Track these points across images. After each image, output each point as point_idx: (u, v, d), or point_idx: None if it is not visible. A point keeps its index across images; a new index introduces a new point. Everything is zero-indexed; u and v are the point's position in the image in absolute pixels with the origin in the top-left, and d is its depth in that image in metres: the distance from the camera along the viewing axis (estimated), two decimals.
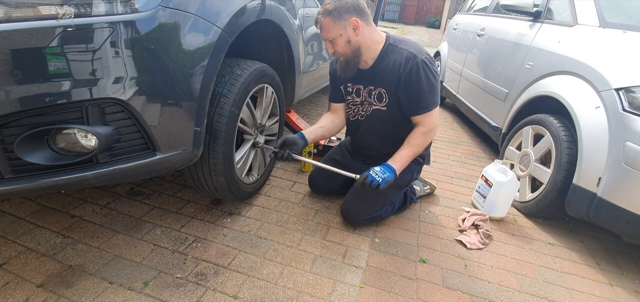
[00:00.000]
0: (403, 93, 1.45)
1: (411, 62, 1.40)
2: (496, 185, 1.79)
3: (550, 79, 1.98)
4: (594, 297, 1.40)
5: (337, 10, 1.37)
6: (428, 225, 1.73)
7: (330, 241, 1.51)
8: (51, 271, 1.19)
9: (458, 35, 3.71)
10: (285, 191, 1.87)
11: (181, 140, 1.16)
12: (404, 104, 1.48)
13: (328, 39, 1.43)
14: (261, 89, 1.57)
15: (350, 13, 1.38)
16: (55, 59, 0.86)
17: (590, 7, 1.99)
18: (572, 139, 1.70)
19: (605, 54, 1.71)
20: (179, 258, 1.32)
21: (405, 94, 1.45)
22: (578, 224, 1.90)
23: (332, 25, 1.39)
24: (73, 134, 0.95)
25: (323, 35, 1.44)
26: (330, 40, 1.43)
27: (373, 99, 1.55)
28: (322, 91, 3.54)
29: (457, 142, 3.02)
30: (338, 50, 1.44)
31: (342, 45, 1.43)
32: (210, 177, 1.40)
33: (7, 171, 0.90)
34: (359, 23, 1.39)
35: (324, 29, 1.42)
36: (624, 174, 1.45)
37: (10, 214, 1.44)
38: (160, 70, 1.02)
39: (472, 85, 3.05)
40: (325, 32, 1.42)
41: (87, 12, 0.88)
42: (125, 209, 1.56)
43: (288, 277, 1.29)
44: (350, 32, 1.40)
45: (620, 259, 1.67)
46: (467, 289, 1.34)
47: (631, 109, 1.46)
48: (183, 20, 1.06)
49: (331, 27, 1.40)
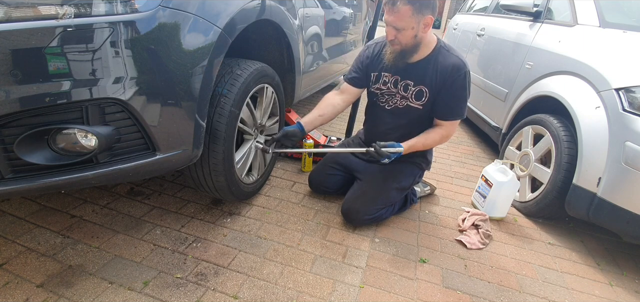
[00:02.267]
0: (444, 96, 1.47)
1: (461, 71, 1.43)
2: (496, 185, 1.79)
3: (550, 79, 1.98)
4: (594, 297, 1.40)
5: (420, 3, 1.29)
6: (428, 225, 1.73)
7: (330, 241, 1.51)
8: (51, 271, 1.19)
9: (458, 35, 3.71)
10: (285, 191, 1.87)
11: (181, 140, 1.16)
12: (440, 107, 1.50)
13: (397, 27, 1.35)
14: (261, 89, 1.57)
15: (429, 9, 1.32)
16: (55, 59, 0.85)
17: (590, 7, 1.99)
18: (572, 139, 1.70)
19: (605, 54, 1.71)
20: (179, 258, 1.32)
21: (446, 98, 1.47)
22: (578, 224, 1.90)
23: (409, 15, 1.31)
24: (73, 134, 0.95)
25: (393, 20, 1.34)
26: (398, 29, 1.35)
27: (409, 95, 1.52)
28: (322, 91, 3.53)
29: (457, 142, 3.02)
30: (401, 40, 1.38)
31: (408, 38, 1.37)
32: (210, 177, 1.40)
33: (7, 171, 0.90)
34: (431, 20, 1.35)
35: (399, 15, 1.31)
36: (624, 174, 1.45)
37: (10, 214, 1.44)
38: (160, 70, 1.02)
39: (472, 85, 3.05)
40: (397, 19, 1.33)
41: (87, 12, 0.88)
42: (125, 209, 1.56)
43: (288, 277, 1.29)
44: (421, 27, 1.35)
45: (620, 259, 1.67)
46: (467, 289, 1.34)
47: (631, 109, 1.46)
48: (183, 20, 1.06)
49: (407, 17, 1.31)
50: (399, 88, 1.54)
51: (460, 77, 1.43)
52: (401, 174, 1.66)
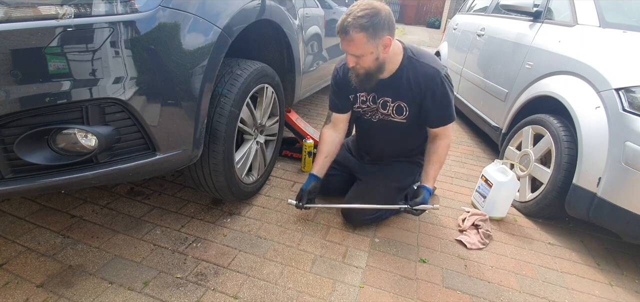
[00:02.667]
0: (430, 107, 1.45)
1: (437, 79, 1.40)
2: (496, 185, 1.79)
3: (550, 79, 1.98)
4: (594, 297, 1.40)
5: (374, 28, 1.23)
6: (428, 225, 1.73)
7: (330, 241, 1.51)
8: (51, 271, 1.19)
9: (458, 35, 3.71)
10: (285, 191, 1.87)
11: (181, 140, 1.16)
12: (430, 118, 1.49)
13: (355, 55, 1.30)
14: (261, 89, 1.57)
15: (385, 31, 1.26)
16: (55, 59, 0.86)
17: (590, 7, 1.99)
18: (572, 139, 1.70)
19: (605, 54, 1.70)
20: (179, 258, 1.32)
21: (432, 108, 1.45)
22: (578, 224, 1.90)
23: (365, 42, 1.25)
24: (73, 134, 0.95)
25: (350, 49, 1.30)
26: (357, 56, 1.30)
27: (390, 111, 1.51)
28: (322, 91, 3.53)
29: (457, 142, 3.02)
30: (363, 65, 1.34)
31: (369, 62, 1.32)
32: (210, 177, 1.40)
33: (7, 171, 0.90)
34: (390, 40, 1.30)
35: (354, 44, 1.27)
36: (624, 174, 1.45)
37: (10, 214, 1.44)
38: (160, 70, 1.02)
39: (472, 85, 3.05)
40: (354, 47, 1.28)
41: (87, 12, 0.88)
42: (125, 209, 1.56)
43: (288, 277, 1.29)
44: (381, 49, 1.30)
45: (620, 259, 1.67)
46: (467, 289, 1.34)
47: (631, 109, 1.46)
48: (183, 20, 1.06)
49: (363, 44, 1.26)
50: (379, 104, 1.52)
51: (439, 86, 1.41)
52: (400, 174, 1.66)
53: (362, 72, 1.37)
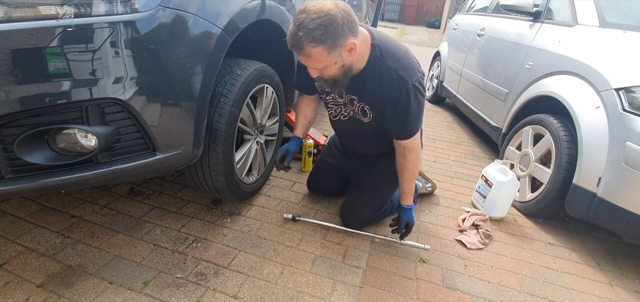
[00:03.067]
0: (391, 118, 1.33)
1: (402, 89, 1.24)
2: (496, 185, 1.79)
3: (550, 79, 1.98)
4: (594, 297, 1.40)
5: (332, 38, 1.06)
6: (428, 225, 1.73)
7: (330, 241, 1.51)
8: (51, 271, 1.19)
9: (458, 35, 3.71)
10: (285, 191, 1.87)
11: (181, 140, 1.16)
12: (391, 128, 1.37)
13: (317, 68, 1.16)
14: (261, 89, 1.57)
15: (346, 35, 1.09)
16: (55, 59, 0.86)
17: (590, 7, 1.99)
18: (572, 139, 1.70)
19: (605, 54, 1.71)
20: (179, 258, 1.32)
21: (394, 118, 1.32)
22: (578, 224, 1.90)
23: (325, 55, 1.10)
24: (73, 134, 0.95)
25: (310, 64, 1.16)
26: (320, 69, 1.16)
27: (356, 109, 1.40)
28: None
29: (457, 142, 3.02)
30: (328, 74, 1.19)
31: (334, 71, 1.18)
32: (210, 177, 1.40)
33: (7, 171, 0.90)
34: (355, 44, 1.13)
35: (313, 59, 1.11)
36: (624, 174, 1.45)
37: (10, 214, 1.44)
38: (160, 70, 1.02)
39: (472, 85, 3.05)
40: (313, 62, 1.13)
41: (87, 12, 0.88)
42: (125, 209, 1.56)
43: (288, 277, 1.29)
44: (345, 55, 1.14)
45: (620, 259, 1.67)
46: (467, 289, 1.34)
47: (631, 109, 1.47)
48: (183, 20, 1.06)
49: (324, 57, 1.10)
50: (345, 99, 1.40)
51: (403, 96, 1.25)
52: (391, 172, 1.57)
53: (329, 80, 1.24)
